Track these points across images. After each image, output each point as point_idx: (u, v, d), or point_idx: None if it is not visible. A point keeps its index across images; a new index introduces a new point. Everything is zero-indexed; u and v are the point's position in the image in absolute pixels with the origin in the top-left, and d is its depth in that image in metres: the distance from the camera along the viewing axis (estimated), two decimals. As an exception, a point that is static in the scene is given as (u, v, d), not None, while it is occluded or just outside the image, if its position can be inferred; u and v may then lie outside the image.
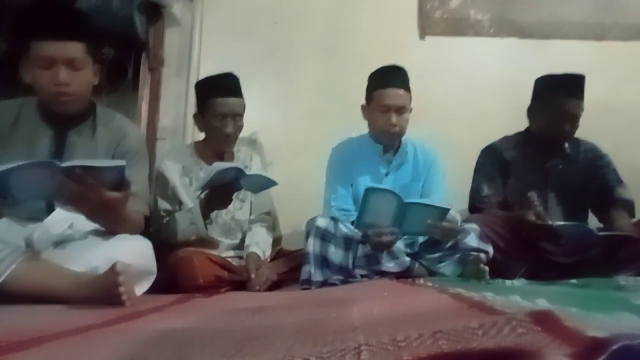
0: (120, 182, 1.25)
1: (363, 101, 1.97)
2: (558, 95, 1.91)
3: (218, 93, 1.81)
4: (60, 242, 1.31)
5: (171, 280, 1.58)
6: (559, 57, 2.63)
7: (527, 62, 2.66)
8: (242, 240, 1.92)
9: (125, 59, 2.51)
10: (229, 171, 1.62)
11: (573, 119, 1.93)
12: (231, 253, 1.88)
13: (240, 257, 1.85)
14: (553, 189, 2.01)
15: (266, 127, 2.55)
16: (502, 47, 2.75)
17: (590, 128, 2.02)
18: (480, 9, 2.76)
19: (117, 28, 2.31)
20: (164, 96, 2.60)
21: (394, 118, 1.84)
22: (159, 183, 1.85)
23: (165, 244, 1.66)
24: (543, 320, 0.47)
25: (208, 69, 2.31)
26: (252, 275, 1.70)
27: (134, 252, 1.31)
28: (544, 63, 2.40)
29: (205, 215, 1.71)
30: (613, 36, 2.79)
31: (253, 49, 2.63)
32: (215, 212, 1.78)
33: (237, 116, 1.85)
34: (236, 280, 1.70)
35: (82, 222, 1.33)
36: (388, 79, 1.87)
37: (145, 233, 1.51)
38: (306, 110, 2.62)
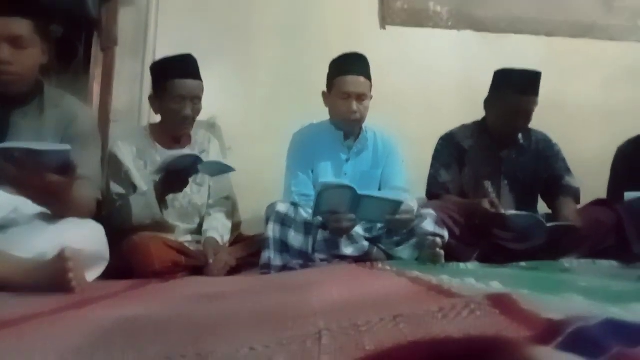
0: (66, 166, 1.18)
1: (324, 88, 1.96)
2: (514, 90, 1.96)
3: (176, 74, 1.75)
4: (3, 227, 1.23)
5: (126, 266, 1.53)
6: (513, 51, 2.72)
7: (482, 55, 2.73)
8: (200, 225, 1.88)
9: (76, 38, 2.37)
10: (186, 158, 1.58)
11: (527, 114, 2.00)
12: (188, 238, 1.84)
13: (198, 242, 1.82)
14: (506, 177, 2.08)
15: (225, 112, 2.50)
16: (459, 40, 2.81)
17: (540, 121, 2.10)
18: (439, 1, 2.80)
19: (67, 5, 2.17)
20: (118, 77, 2.48)
21: (355, 105, 1.84)
22: (112, 166, 1.78)
23: (119, 229, 1.60)
24: (500, 303, 0.49)
25: (164, 49, 2.22)
26: (210, 261, 1.67)
27: (84, 236, 1.26)
28: (499, 57, 2.48)
29: (161, 199, 1.66)
30: (562, 33, 2.91)
31: (212, 31, 2.56)
32: (171, 196, 1.73)
33: (196, 99, 1.79)
34: (194, 265, 1.67)
35: (27, 206, 1.25)
36: (349, 66, 1.87)
37: (98, 217, 1.45)
38: (266, 95, 2.59)
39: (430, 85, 2.70)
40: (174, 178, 1.63)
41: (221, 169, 1.73)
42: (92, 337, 0.59)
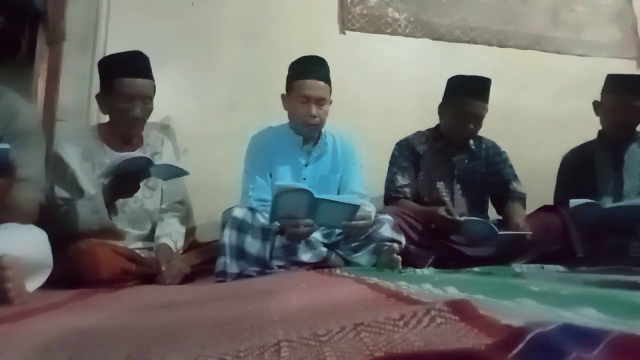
0: (5, 166, 1.10)
1: (282, 91, 1.94)
2: (466, 96, 2.04)
3: (125, 72, 1.67)
4: None
5: (71, 274, 1.44)
6: (467, 60, 2.81)
7: (438, 62, 2.81)
8: (152, 231, 1.81)
9: (20, 30, 2.23)
10: (137, 160, 1.51)
11: (478, 119, 2.07)
12: (140, 244, 1.76)
13: (150, 249, 1.75)
14: (459, 181, 2.15)
15: (180, 114, 2.42)
16: (417, 47, 2.87)
17: (491, 129, 2.18)
18: (397, 8, 2.85)
19: (9, -5, 2.05)
20: (65, 73, 2.36)
21: (314, 109, 1.83)
22: (57, 168, 1.68)
23: (64, 235, 1.51)
24: (460, 309, 0.49)
25: (116, 46, 2.12)
26: (163, 268, 1.61)
27: (25, 243, 1.17)
28: (454, 65, 2.54)
29: (110, 204, 1.58)
30: (513, 44, 3.04)
31: (168, 29, 2.48)
32: (121, 200, 1.66)
33: (146, 98, 1.72)
34: (145, 273, 1.60)
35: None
36: (309, 69, 1.86)
37: (41, 222, 1.36)
38: (222, 98, 2.54)
39: (389, 91, 2.74)
40: (123, 181, 1.56)
41: (175, 172, 1.67)
42: (31, 353, 0.55)
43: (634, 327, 0.46)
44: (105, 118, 1.84)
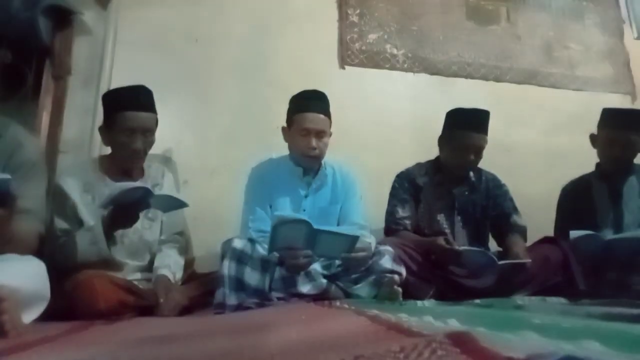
0: (5, 196, 1.11)
1: (282, 124, 1.97)
2: (465, 128, 2.06)
3: (127, 106, 1.70)
4: None
5: (69, 306, 1.42)
6: (464, 95, 2.87)
7: (435, 97, 2.87)
8: (151, 262, 1.79)
9: (26, 65, 2.28)
10: (136, 191, 1.52)
11: (477, 151, 2.09)
12: (138, 276, 1.75)
13: (149, 280, 1.73)
14: (459, 213, 2.15)
15: (180, 147, 2.46)
16: (414, 82, 2.94)
17: (488, 162, 2.20)
18: (395, 44, 2.94)
19: (18, 30, 2.11)
20: (69, 107, 2.40)
21: (314, 142, 1.85)
22: (57, 200, 1.68)
23: (63, 266, 1.50)
24: (461, 341, 0.48)
25: (119, 81, 2.16)
26: (161, 300, 1.59)
27: (23, 274, 1.16)
28: (451, 99, 2.60)
29: (109, 235, 1.58)
30: (509, 79, 3.11)
31: (169, 65, 2.54)
32: (120, 231, 1.65)
33: (148, 132, 1.74)
34: (143, 305, 1.58)
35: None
36: (309, 103, 1.89)
37: (40, 254, 1.35)
38: (222, 131, 2.57)
39: (387, 124, 2.78)
40: (123, 212, 1.56)
41: (174, 204, 1.67)
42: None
43: (636, 360, 0.45)
44: (107, 150, 1.87)
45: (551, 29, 3.29)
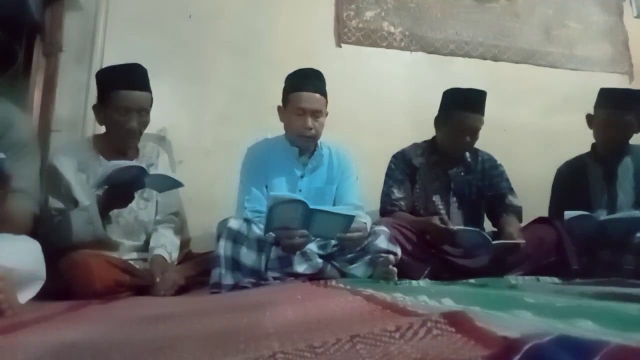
0: (-1, 177, 1.10)
1: (278, 103, 1.95)
2: (462, 109, 2.05)
3: (123, 85, 1.68)
4: None
5: (65, 286, 1.43)
6: (461, 74, 2.84)
7: (432, 76, 2.84)
8: (147, 242, 1.79)
9: (16, 41, 2.23)
10: (130, 169, 1.51)
11: (474, 132, 2.08)
12: (134, 255, 1.75)
13: (145, 260, 1.73)
14: (455, 194, 2.15)
15: (175, 126, 2.43)
16: (411, 61, 2.90)
17: (484, 142, 2.19)
18: (393, 22, 2.89)
19: (6, 6, 2.05)
20: (61, 85, 2.36)
21: (310, 121, 1.84)
22: (51, 179, 1.67)
23: (58, 246, 1.49)
24: (456, 321, 0.49)
25: (112, 58, 2.13)
26: (157, 280, 1.60)
27: (18, 254, 1.16)
28: (448, 78, 2.59)
29: (104, 215, 1.58)
30: (507, 58, 3.08)
31: (163, 42, 2.49)
32: (115, 211, 1.65)
33: (143, 111, 1.73)
34: (139, 284, 1.58)
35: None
36: (305, 82, 1.87)
37: (35, 233, 1.35)
38: (217, 110, 2.55)
39: (384, 103, 2.76)
40: (118, 192, 1.55)
41: (169, 184, 1.66)
42: (22, 367, 0.54)
43: (629, 339, 0.46)
44: (101, 129, 1.85)
45: (550, 7, 3.24)
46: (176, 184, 1.66)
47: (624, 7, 3.42)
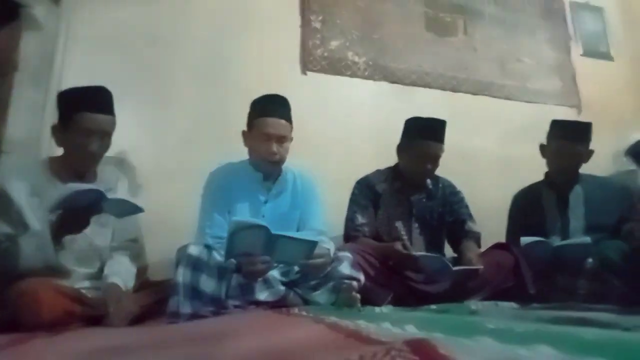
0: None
1: (242, 129, 1.94)
2: (423, 137, 2.11)
3: (87, 107, 1.63)
4: None
5: (12, 317, 1.33)
6: (423, 103, 2.94)
7: (395, 105, 2.92)
8: (101, 270, 1.71)
9: (-33, 59, 2.14)
10: (87, 193, 1.45)
11: (434, 159, 2.14)
12: (86, 284, 1.66)
13: (98, 289, 1.65)
14: (417, 219, 2.19)
15: (137, 149, 2.37)
16: (375, 90, 2.98)
17: (445, 170, 2.25)
18: (357, 52, 2.97)
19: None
20: (15, 105, 2.26)
21: (275, 147, 1.84)
22: (0, 203, 1.58)
23: (5, 274, 1.40)
24: (419, 349, 0.48)
25: (71, 80, 2.07)
26: (110, 309, 1.51)
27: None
28: (410, 107, 2.66)
29: (56, 240, 1.49)
30: (465, 90, 3.21)
31: (125, 65, 2.45)
32: (68, 237, 1.57)
33: (105, 135, 1.68)
34: (91, 314, 1.50)
35: None
36: (270, 108, 1.87)
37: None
38: (180, 135, 2.51)
39: (348, 130, 2.81)
40: (73, 216, 1.48)
41: (129, 209, 1.60)
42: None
43: (587, 364, 0.47)
44: (57, 151, 1.78)
45: (505, 42, 3.43)
46: (136, 210, 1.60)
47: (571, 46, 3.66)
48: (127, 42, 2.51)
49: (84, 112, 1.63)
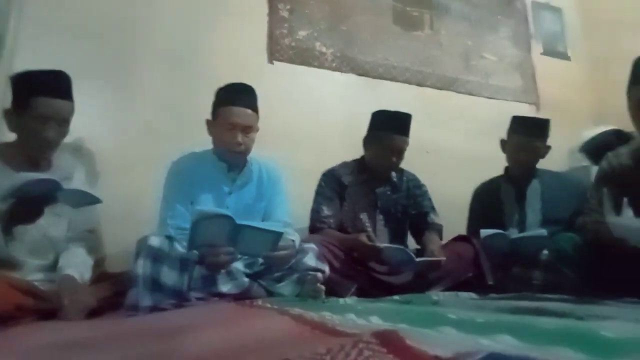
0: None
1: (206, 118, 1.89)
2: (389, 130, 2.13)
3: (43, 91, 1.56)
4: None
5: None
6: (389, 96, 2.96)
7: (363, 97, 2.93)
8: (56, 262, 1.64)
9: None
10: (42, 183, 1.38)
11: (399, 152, 2.17)
12: (40, 276, 1.59)
13: (52, 281, 1.58)
14: (381, 212, 2.22)
15: (96, 137, 2.27)
16: (342, 81, 2.97)
17: (410, 163, 2.28)
18: (325, 43, 2.95)
19: None
20: (-39, 87, 2.12)
21: (240, 137, 1.80)
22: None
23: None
24: (387, 341, 0.48)
25: (25, 63, 1.95)
26: (65, 302, 1.45)
27: None
28: (376, 100, 2.68)
29: (6, 231, 1.42)
30: (430, 84, 3.25)
31: (85, 47, 2.33)
32: (21, 227, 1.49)
33: (63, 121, 1.61)
34: (45, 308, 1.43)
35: None
36: (236, 97, 1.83)
37: None
38: (143, 123, 2.41)
39: (316, 122, 2.79)
40: (25, 206, 1.41)
41: (86, 200, 1.54)
42: None
43: (548, 354, 0.48)
44: (8, 137, 1.68)
45: (469, 38, 3.49)
46: (93, 200, 1.54)
47: (532, 44, 3.77)
48: (86, 25, 2.38)
49: (41, 96, 1.55)
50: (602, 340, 0.63)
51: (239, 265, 1.68)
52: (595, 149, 2.92)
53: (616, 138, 2.76)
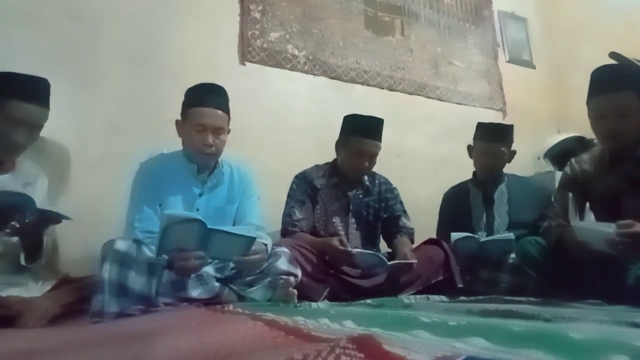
0: None
1: (173, 118, 1.85)
2: (361, 134, 2.14)
3: (18, 95, 1.54)
4: None
5: None
6: (361, 100, 2.98)
7: (334, 100, 2.93)
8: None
9: None
10: (15, 196, 1.38)
11: (371, 157, 2.17)
12: (-3, 281, 1.52)
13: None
14: (353, 215, 2.22)
15: (57, 135, 2.16)
16: (314, 84, 2.97)
17: (381, 166, 2.29)
18: (297, 45, 2.94)
19: None
20: None
21: (211, 138, 1.76)
22: None
23: None
24: (364, 346, 0.48)
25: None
26: (26, 308, 1.39)
27: None
28: (348, 103, 2.69)
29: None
30: (401, 89, 3.29)
31: (44, 42, 2.22)
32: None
33: (35, 127, 1.59)
34: (3, 315, 1.37)
35: None
36: (207, 97, 1.79)
37: None
38: (106, 121, 2.31)
39: (287, 124, 2.78)
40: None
41: (56, 220, 1.53)
42: None
43: (521, 356, 0.48)
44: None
45: (439, 45, 3.56)
46: (63, 218, 1.51)
47: (498, 52, 3.88)
48: (46, 17, 2.27)
49: (15, 100, 1.55)
50: (570, 342, 0.65)
51: (209, 270, 1.65)
52: (559, 155, 3.03)
53: (578, 144, 2.87)
